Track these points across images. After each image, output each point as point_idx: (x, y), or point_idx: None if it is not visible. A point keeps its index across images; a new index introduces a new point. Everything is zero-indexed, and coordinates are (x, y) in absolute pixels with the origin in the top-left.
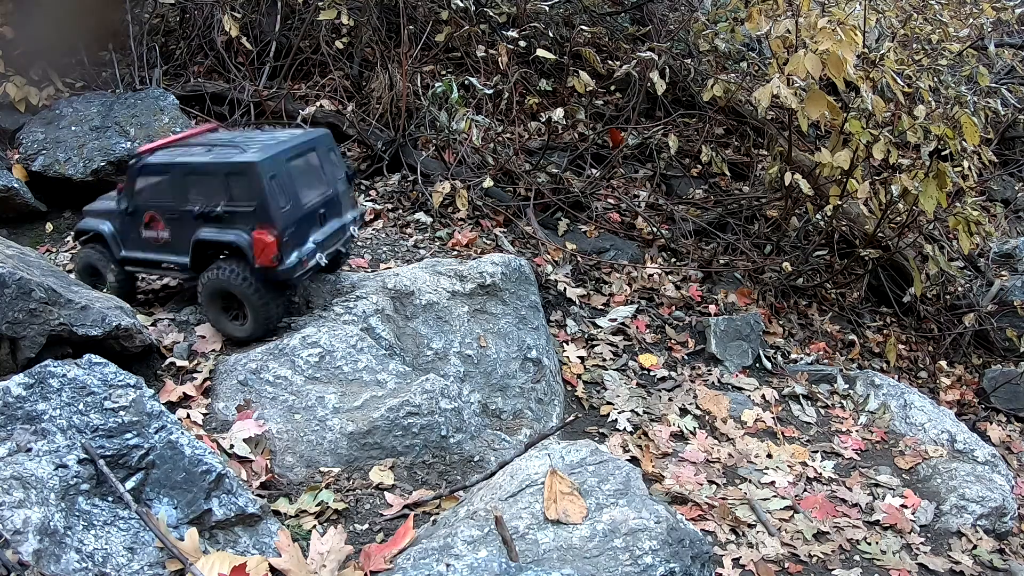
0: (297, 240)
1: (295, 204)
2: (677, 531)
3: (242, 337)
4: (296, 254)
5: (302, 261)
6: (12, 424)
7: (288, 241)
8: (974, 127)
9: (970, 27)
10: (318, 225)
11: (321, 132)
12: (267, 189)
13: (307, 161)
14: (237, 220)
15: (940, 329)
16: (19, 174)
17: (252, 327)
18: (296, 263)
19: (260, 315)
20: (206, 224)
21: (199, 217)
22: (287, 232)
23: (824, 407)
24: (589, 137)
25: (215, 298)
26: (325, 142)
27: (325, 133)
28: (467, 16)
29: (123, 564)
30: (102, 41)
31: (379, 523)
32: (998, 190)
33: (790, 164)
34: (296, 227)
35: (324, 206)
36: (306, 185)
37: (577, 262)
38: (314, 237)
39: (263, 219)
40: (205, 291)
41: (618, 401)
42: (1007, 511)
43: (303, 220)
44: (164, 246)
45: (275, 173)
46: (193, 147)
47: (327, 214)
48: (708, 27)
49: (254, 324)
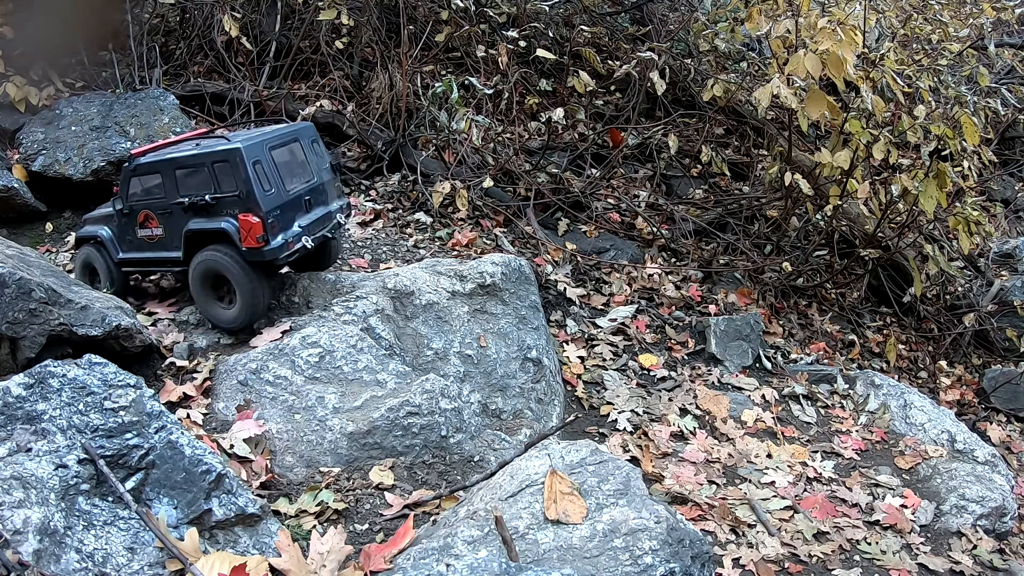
0: (283, 223)
1: (279, 189)
2: (677, 531)
3: (229, 322)
4: (282, 236)
5: (288, 243)
6: (12, 424)
7: (273, 223)
8: (974, 127)
9: (970, 27)
10: (304, 211)
11: (304, 124)
12: (251, 174)
13: (291, 150)
14: (224, 207)
15: (940, 329)
16: (19, 174)
17: (239, 310)
18: (282, 244)
19: (247, 297)
20: (196, 215)
21: (189, 209)
22: (272, 215)
23: (824, 407)
24: (589, 137)
25: (205, 282)
26: (308, 133)
27: (308, 125)
28: (467, 16)
29: (123, 564)
30: (102, 41)
31: (379, 523)
32: (998, 190)
33: (790, 164)
34: (281, 211)
35: (309, 193)
36: (290, 173)
37: (577, 262)
38: (300, 222)
39: (249, 202)
40: (195, 274)
41: (618, 401)
42: (1007, 511)
43: (288, 205)
44: (159, 243)
45: (258, 159)
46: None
47: (312, 201)
48: (708, 27)
49: (241, 306)
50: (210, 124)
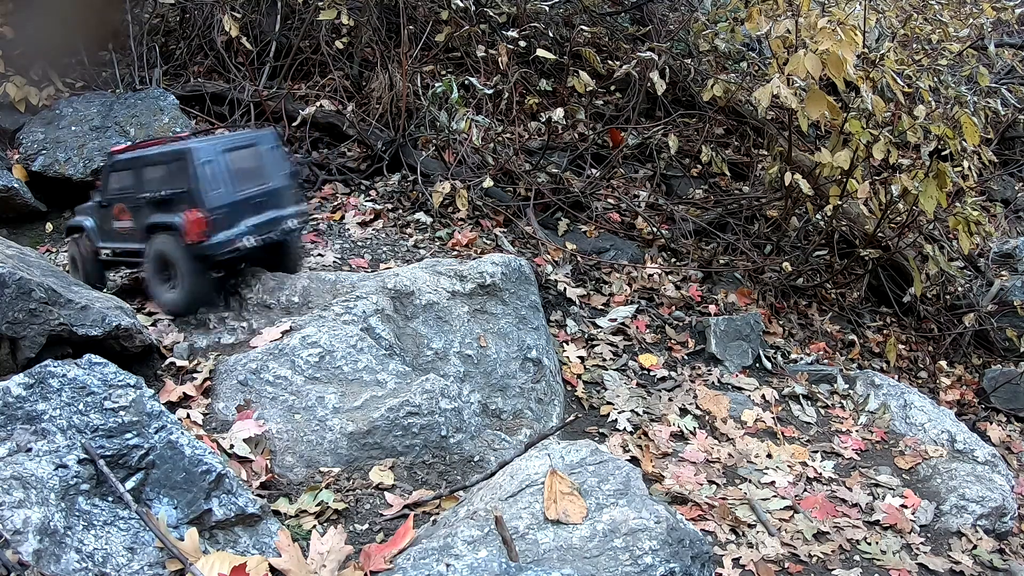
0: (228, 222)
1: (227, 190)
2: (677, 531)
3: (170, 304)
4: (224, 234)
5: (229, 241)
6: (12, 424)
7: (217, 221)
8: (974, 127)
9: (970, 27)
10: (253, 213)
11: (265, 132)
12: (199, 173)
13: (247, 155)
14: (177, 203)
15: (940, 329)
16: (19, 174)
17: (180, 295)
18: (223, 241)
19: (188, 285)
20: (156, 210)
21: (150, 203)
22: (216, 212)
23: (824, 407)
24: (589, 137)
25: (156, 265)
26: (268, 140)
27: (269, 132)
28: (467, 16)
29: (123, 564)
30: (102, 41)
31: (379, 523)
32: (998, 190)
33: (790, 164)
34: (228, 210)
35: (261, 196)
36: (243, 176)
37: (577, 262)
38: (247, 222)
39: (195, 199)
40: (149, 259)
41: (618, 401)
42: (1007, 511)
43: (236, 205)
44: (129, 235)
45: (209, 160)
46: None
47: (264, 204)
48: (708, 27)
49: (182, 292)
50: (210, 124)
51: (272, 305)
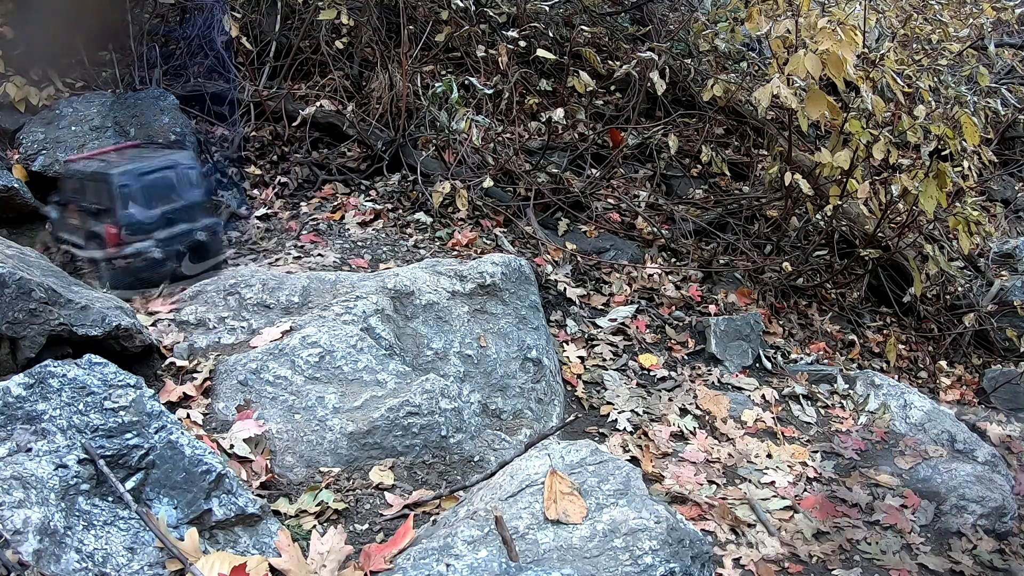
0: (139, 236)
1: (141, 208)
2: (677, 531)
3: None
4: (135, 247)
5: (139, 252)
6: (12, 424)
7: (128, 235)
8: (974, 127)
9: (970, 27)
10: (165, 227)
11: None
12: (117, 195)
13: (163, 176)
14: (102, 215)
15: (940, 329)
16: (19, 174)
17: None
18: (134, 252)
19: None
20: (92, 217)
21: (88, 212)
22: (128, 228)
23: (824, 407)
24: (589, 137)
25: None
26: (185, 161)
27: (187, 153)
28: (467, 16)
29: (123, 564)
30: (102, 41)
31: (379, 523)
32: (998, 190)
33: (790, 164)
34: (139, 225)
35: (173, 213)
36: (157, 196)
37: (577, 262)
38: (157, 235)
39: (113, 215)
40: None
41: (618, 401)
42: (1007, 511)
43: (147, 221)
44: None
45: (126, 184)
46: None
47: (175, 219)
48: (708, 27)
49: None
50: (210, 124)
51: (272, 305)
